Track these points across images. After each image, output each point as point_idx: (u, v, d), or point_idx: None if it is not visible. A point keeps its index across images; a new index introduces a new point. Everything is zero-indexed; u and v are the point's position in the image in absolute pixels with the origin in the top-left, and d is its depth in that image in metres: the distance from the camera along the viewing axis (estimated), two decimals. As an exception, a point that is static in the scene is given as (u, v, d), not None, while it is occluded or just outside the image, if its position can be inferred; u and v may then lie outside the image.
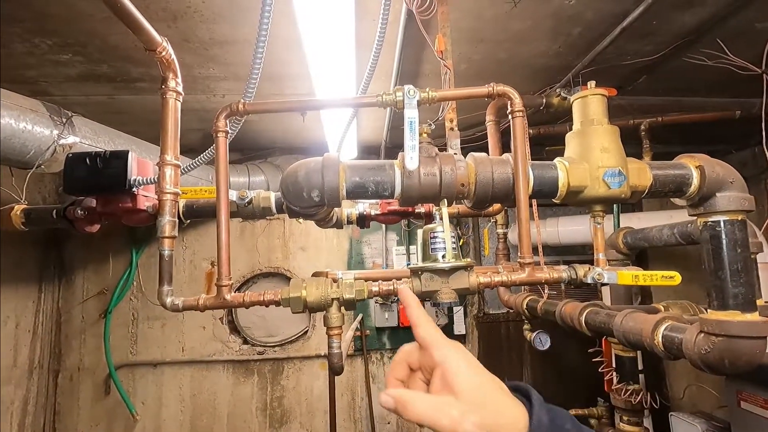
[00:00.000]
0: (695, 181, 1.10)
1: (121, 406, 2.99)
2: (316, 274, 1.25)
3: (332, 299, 0.90)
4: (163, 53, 0.89)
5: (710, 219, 1.12)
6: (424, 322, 0.50)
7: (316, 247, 3.34)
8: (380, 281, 0.92)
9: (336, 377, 2.71)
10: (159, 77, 2.09)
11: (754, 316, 1.08)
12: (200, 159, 1.19)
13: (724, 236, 1.10)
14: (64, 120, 1.56)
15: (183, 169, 1.04)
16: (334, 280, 0.94)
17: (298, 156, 3.25)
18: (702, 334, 1.14)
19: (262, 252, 3.29)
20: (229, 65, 1.97)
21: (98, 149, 1.68)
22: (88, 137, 1.64)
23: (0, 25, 1.53)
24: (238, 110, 0.91)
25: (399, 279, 0.95)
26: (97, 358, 3.06)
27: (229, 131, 0.94)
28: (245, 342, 3.25)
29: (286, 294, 0.89)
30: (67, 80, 2.03)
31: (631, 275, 0.92)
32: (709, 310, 1.15)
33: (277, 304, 0.90)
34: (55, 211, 1.29)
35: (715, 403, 2.10)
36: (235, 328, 3.27)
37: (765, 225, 1.60)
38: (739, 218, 1.11)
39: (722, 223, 1.10)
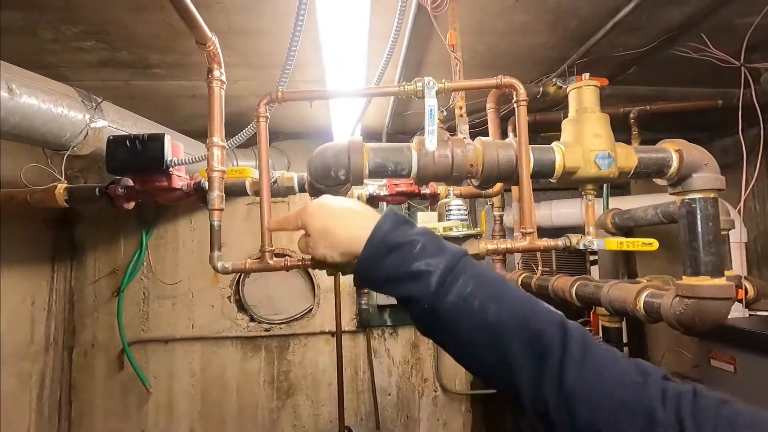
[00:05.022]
0: (675, 164, 1.24)
1: (134, 380, 3.13)
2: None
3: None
4: (212, 47, 1.01)
5: (687, 197, 1.28)
6: (282, 220, 0.78)
7: (319, 229, 3.46)
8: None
9: (339, 353, 2.85)
10: (174, 64, 2.20)
11: (721, 281, 1.24)
12: (234, 141, 1.31)
13: (698, 212, 1.26)
14: (94, 105, 1.66)
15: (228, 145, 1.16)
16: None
17: (301, 141, 3.35)
18: (677, 298, 1.30)
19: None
20: (243, 53, 2.07)
21: (124, 132, 1.79)
22: (115, 121, 1.74)
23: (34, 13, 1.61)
24: (278, 98, 1.03)
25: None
26: (110, 335, 3.19)
27: (268, 116, 1.06)
28: (252, 319, 3.39)
29: (320, 259, 1.03)
30: (87, 66, 2.10)
31: (616, 241, 1.07)
32: (684, 277, 1.31)
33: (314, 267, 1.03)
34: (97, 189, 1.40)
35: (688, 365, 2.30)
36: (242, 307, 3.40)
37: (739, 206, 1.76)
38: (712, 196, 1.26)
39: (697, 201, 1.26)
